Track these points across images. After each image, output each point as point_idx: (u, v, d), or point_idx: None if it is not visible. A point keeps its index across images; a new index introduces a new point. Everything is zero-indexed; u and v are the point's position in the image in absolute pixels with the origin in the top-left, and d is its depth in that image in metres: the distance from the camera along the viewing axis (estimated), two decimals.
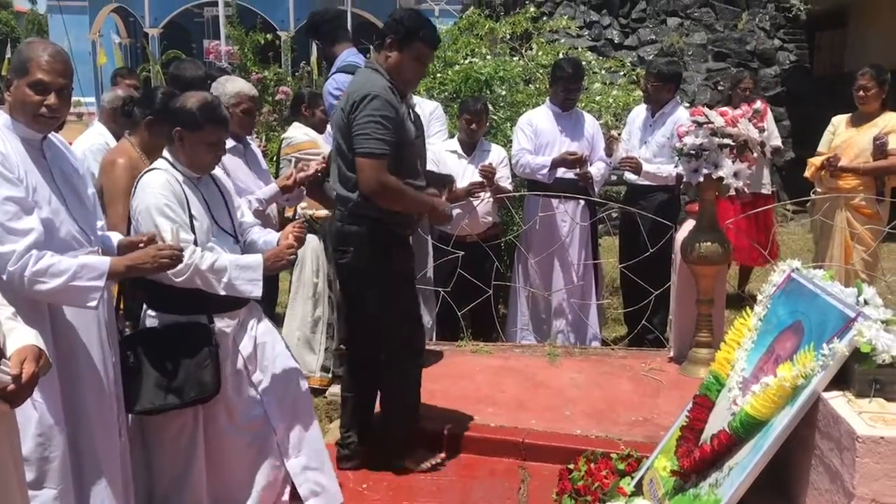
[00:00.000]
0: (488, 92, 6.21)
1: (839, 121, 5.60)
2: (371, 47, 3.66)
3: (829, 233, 5.51)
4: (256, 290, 2.96)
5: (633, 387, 4.47)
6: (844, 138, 5.45)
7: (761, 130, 4.50)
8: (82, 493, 2.65)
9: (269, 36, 9.78)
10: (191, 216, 2.96)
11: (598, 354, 5.10)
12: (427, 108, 5.15)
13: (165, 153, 3.05)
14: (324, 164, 4.14)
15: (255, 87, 4.82)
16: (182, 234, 2.86)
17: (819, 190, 5.60)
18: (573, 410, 4.15)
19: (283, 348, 3.26)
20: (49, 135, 2.67)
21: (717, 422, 2.72)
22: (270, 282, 4.29)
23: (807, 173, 5.62)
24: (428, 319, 4.96)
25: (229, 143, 3.98)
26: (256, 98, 4.12)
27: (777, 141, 6.69)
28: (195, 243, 2.92)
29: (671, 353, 4.92)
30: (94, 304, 2.53)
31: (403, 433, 3.78)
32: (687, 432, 2.84)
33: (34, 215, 2.46)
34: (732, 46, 11.29)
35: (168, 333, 2.98)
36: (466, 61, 6.55)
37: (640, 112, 5.67)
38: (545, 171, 5.25)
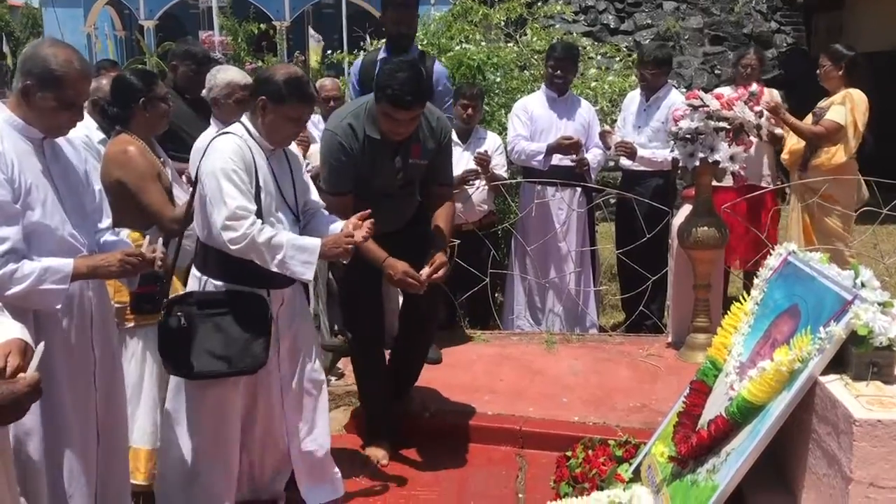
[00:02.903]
0: (482, 78, 6.17)
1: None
2: (366, 36, 3.62)
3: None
4: (308, 273, 2.91)
5: (630, 373, 4.46)
6: (808, 117, 5.44)
7: (760, 115, 4.46)
8: (55, 498, 2.59)
9: (262, 26, 9.74)
10: (257, 186, 2.92)
11: (596, 341, 5.09)
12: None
13: (244, 119, 3.00)
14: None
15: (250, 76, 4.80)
16: (244, 202, 2.82)
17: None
18: (571, 397, 4.13)
19: (312, 334, 3.27)
20: None
21: (715, 407, 2.70)
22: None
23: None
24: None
25: None
26: (251, 86, 4.05)
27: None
28: (258, 215, 2.88)
29: (669, 339, 4.90)
30: (59, 305, 2.48)
31: (369, 419, 3.87)
32: (684, 418, 2.82)
33: (16, 225, 2.40)
34: (729, 30, 11.24)
35: (226, 300, 2.95)
36: (460, 48, 6.50)
37: (634, 97, 5.63)
38: (540, 157, 5.22)
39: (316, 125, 5.44)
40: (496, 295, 5.66)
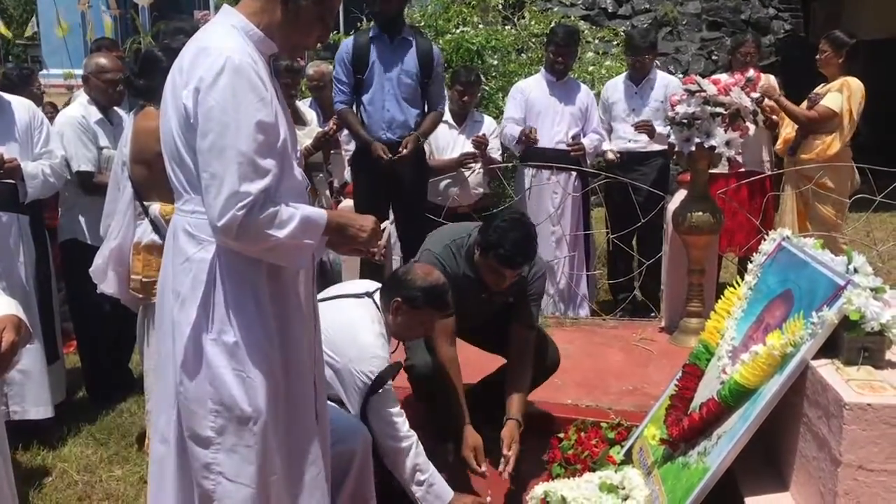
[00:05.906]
0: (480, 62, 6.16)
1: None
2: (363, 17, 3.58)
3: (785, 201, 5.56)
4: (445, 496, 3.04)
5: (623, 356, 4.47)
6: (804, 103, 5.45)
7: (759, 101, 4.46)
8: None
9: None
10: None
11: (589, 325, 5.10)
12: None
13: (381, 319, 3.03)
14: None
15: None
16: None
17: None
18: (564, 380, 4.14)
19: None
20: None
21: (707, 390, 2.72)
22: None
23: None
24: None
25: None
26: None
27: None
28: None
29: (662, 323, 4.92)
30: (305, 264, 2.15)
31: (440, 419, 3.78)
32: (676, 401, 2.84)
33: (276, 157, 2.04)
34: (727, 15, 11.20)
35: None
36: (458, 31, 6.49)
37: (616, 85, 5.61)
38: (515, 142, 5.30)
39: (308, 106, 5.43)
40: None
